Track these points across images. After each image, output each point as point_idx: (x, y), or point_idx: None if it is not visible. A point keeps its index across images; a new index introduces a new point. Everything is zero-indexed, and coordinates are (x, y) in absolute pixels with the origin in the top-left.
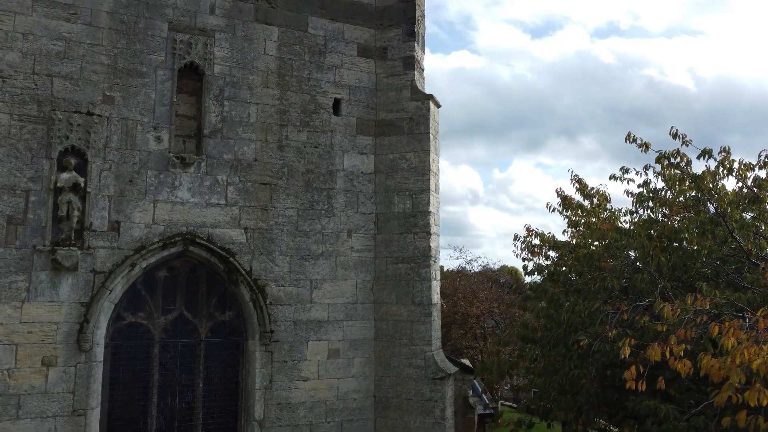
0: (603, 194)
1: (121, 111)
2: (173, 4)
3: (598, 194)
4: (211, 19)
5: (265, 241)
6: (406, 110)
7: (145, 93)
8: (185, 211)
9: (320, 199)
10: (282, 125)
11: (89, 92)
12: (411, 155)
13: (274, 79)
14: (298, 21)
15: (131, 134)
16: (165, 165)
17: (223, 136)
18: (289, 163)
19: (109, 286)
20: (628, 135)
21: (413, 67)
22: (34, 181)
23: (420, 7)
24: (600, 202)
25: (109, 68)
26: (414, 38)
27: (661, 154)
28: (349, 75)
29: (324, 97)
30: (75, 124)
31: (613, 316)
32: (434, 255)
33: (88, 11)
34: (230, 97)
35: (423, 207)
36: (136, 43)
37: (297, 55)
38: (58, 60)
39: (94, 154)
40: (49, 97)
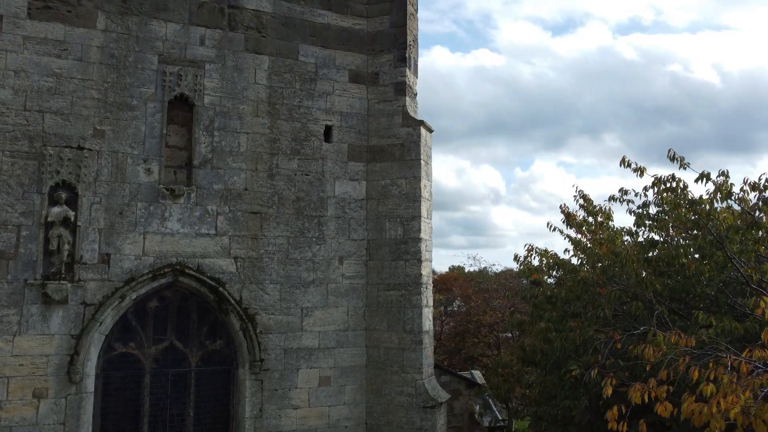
0: (606, 212)
1: (112, 144)
2: (163, 36)
3: (601, 212)
4: (201, 50)
5: (255, 270)
6: (398, 136)
7: (136, 126)
8: (175, 242)
9: (311, 226)
10: (272, 154)
11: (80, 127)
12: (402, 182)
13: (264, 107)
14: (289, 49)
15: (121, 167)
16: (155, 197)
17: (213, 166)
18: (280, 192)
19: (99, 318)
20: (623, 159)
21: (404, 93)
22: (25, 216)
23: (412, 32)
24: (603, 220)
25: (99, 102)
26: (405, 64)
27: (656, 179)
28: (340, 101)
29: (315, 125)
30: (66, 159)
31: (606, 345)
32: (426, 282)
33: (79, 47)
34: (220, 127)
35: (414, 234)
36: (126, 76)
37: (288, 83)
38: (49, 96)
39: (84, 187)
40: (40, 133)
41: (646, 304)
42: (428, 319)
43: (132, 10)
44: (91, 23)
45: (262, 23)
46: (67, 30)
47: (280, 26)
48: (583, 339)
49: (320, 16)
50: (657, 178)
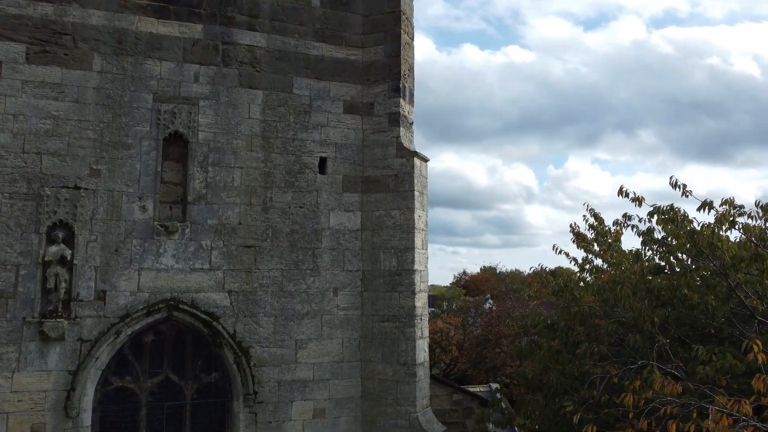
0: (615, 234)
1: (107, 183)
2: (158, 75)
3: (609, 233)
4: (195, 87)
5: (249, 304)
6: (392, 167)
7: (131, 164)
8: (169, 278)
9: (305, 258)
10: (266, 187)
11: (76, 167)
12: (396, 213)
13: (258, 142)
14: (283, 83)
15: (117, 205)
16: (150, 233)
17: (207, 201)
18: (274, 225)
19: (95, 354)
20: (620, 189)
21: (398, 123)
22: (24, 256)
23: (407, 61)
24: (612, 242)
25: (95, 142)
26: (399, 94)
27: (655, 209)
28: (335, 133)
29: (309, 157)
30: (62, 199)
31: (602, 380)
32: (420, 314)
33: (75, 89)
34: (214, 163)
35: (408, 265)
36: (121, 116)
37: (282, 116)
38: (46, 138)
39: (80, 226)
40: (38, 174)
41: (647, 335)
42: (423, 350)
43: (127, 51)
44: (87, 65)
45: (256, 58)
46: (64, 73)
47: (274, 60)
48: (581, 371)
49: (314, 48)
50: (656, 208)
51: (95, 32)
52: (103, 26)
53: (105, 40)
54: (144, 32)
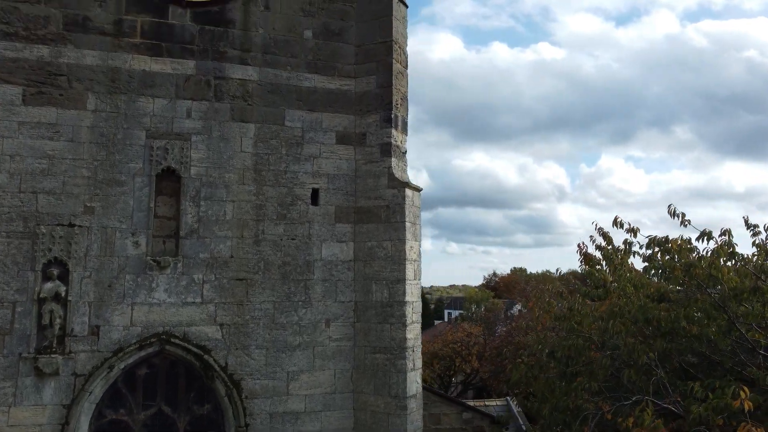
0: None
1: (101, 220)
2: (150, 112)
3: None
4: (187, 122)
5: (241, 336)
6: (383, 198)
7: (124, 201)
8: (162, 312)
9: (297, 290)
10: (258, 220)
11: (71, 205)
12: (388, 244)
13: (250, 175)
14: (275, 115)
15: (110, 241)
16: (142, 268)
17: (199, 236)
18: (266, 257)
19: (89, 388)
20: (615, 219)
21: (390, 154)
22: (20, 293)
23: (400, 90)
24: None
25: (89, 180)
26: (391, 124)
27: (650, 240)
28: (327, 164)
29: (302, 189)
30: (57, 237)
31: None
32: (412, 345)
33: (70, 128)
34: (207, 197)
35: (399, 297)
36: (115, 153)
37: (274, 149)
38: (42, 177)
39: (75, 263)
40: (34, 213)
41: (643, 369)
42: (415, 382)
43: (121, 89)
44: (82, 105)
45: (248, 92)
46: (59, 113)
47: (266, 93)
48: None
49: (307, 80)
50: (651, 239)
51: (89, 72)
52: (97, 66)
53: (99, 79)
54: (137, 70)
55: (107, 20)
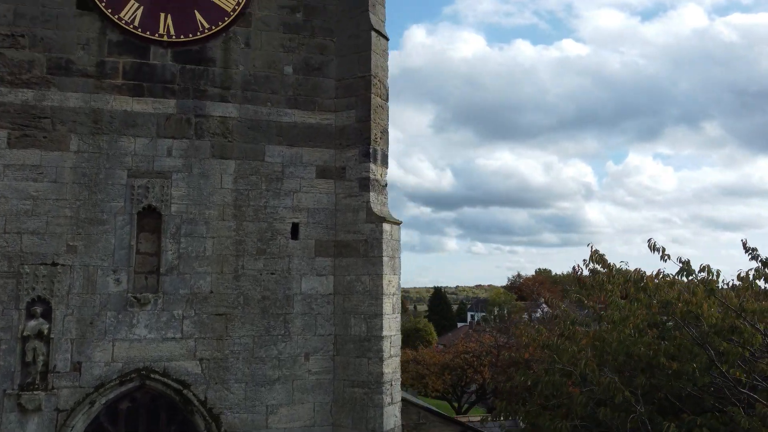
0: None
1: (83, 258)
2: (132, 151)
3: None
4: (168, 161)
5: (220, 371)
6: (362, 232)
7: (106, 239)
8: (142, 348)
9: (277, 324)
10: (238, 255)
11: (54, 244)
12: (366, 278)
13: (230, 211)
14: (255, 151)
15: (92, 279)
16: (123, 305)
17: (179, 272)
18: (245, 292)
19: (71, 423)
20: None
21: (368, 189)
22: (5, 331)
23: (379, 124)
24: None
25: (72, 220)
26: (369, 159)
27: (626, 279)
28: (307, 198)
29: (281, 223)
30: (40, 276)
31: None
32: (390, 379)
33: (53, 169)
34: (187, 234)
35: (376, 332)
36: (97, 193)
37: (254, 184)
38: (26, 218)
39: (57, 301)
40: (18, 253)
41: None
42: (393, 416)
43: (103, 130)
44: (65, 146)
45: (228, 129)
46: (43, 155)
47: (246, 130)
48: None
49: (287, 115)
50: (627, 278)
51: (72, 114)
52: (79, 108)
53: (81, 120)
54: (119, 111)
55: (90, 62)
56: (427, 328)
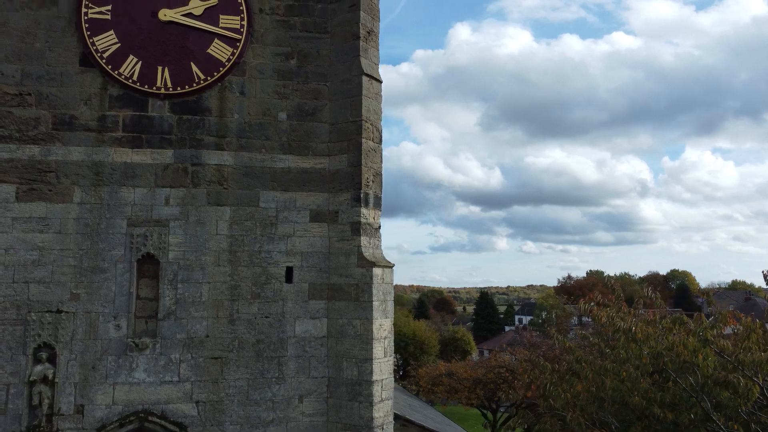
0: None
1: (86, 305)
2: (131, 201)
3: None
4: (165, 209)
5: (216, 413)
6: (353, 276)
7: (107, 286)
8: (141, 391)
9: (271, 367)
10: (233, 300)
11: (59, 292)
12: (357, 322)
13: (225, 257)
14: (250, 198)
15: (94, 325)
16: (123, 350)
17: (176, 317)
18: (240, 336)
19: None
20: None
21: (359, 233)
22: (13, 376)
23: (371, 168)
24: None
25: (75, 269)
26: (360, 204)
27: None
28: (301, 242)
29: (276, 267)
30: (46, 323)
31: None
32: (381, 423)
33: (58, 221)
34: (184, 280)
35: (366, 376)
36: (98, 242)
37: (248, 230)
38: (33, 267)
39: (62, 347)
40: (25, 301)
41: None
42: None
43: (104, 181)
44: (69, 198)
45: (223, 176)
46: (49, 207)
47: (241, 176)
48: None
49: (281, 161)
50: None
51: (76, 167)
52: (82, 161)
53: (84, 173)
54: (119, 162)
55: (92, 117)
56: (466, 337)
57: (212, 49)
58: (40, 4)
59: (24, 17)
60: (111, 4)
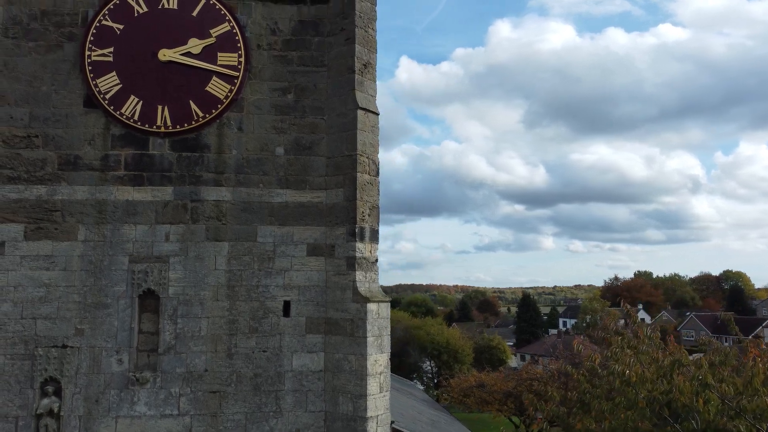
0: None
1: (90, 340)
2: (133, 238)
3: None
4: (166, 246)
5: None
6: (349, 311)
7: (109, 322)
8: (142, 424)
9: (268, 401)
10: (231, 334)
11: (64, 328)
12: (352, 357)
13: (224, 291)
14: (248, 232)
15: (97, 360)
16: (125, 384)
17: (176, 351)
18: (238, 370)
19: None
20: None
21: (354, 268)
22: (21, 409)
23: (367, 201)
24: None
25: (80, 305)
26: (355, 238)
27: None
28: (298, 276)
29: (273, 301)
30: (52, 358)
31: None
32: None
33: (64, 258)
34: (183, 315)
35: (361, 413)
36: (101, 279)
37: (246, 264)
38: (40, 304)
39: (67, 381)
40: (33, 337)
41: None
42: None
43: (107, 219)
44: (74, 236)
45: (222, 212)
46: (55, 245)
47: (239, 212)
48: None
49: (278, 195)
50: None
51: (80, 206)
52: (86, 200)
53: (88, 212)
54: (121, 200)
55: (95, 156)
56: (501, 345)
57: (210, 87)
58: (47, 49)
59: (32, 62)
60: (113, 46)
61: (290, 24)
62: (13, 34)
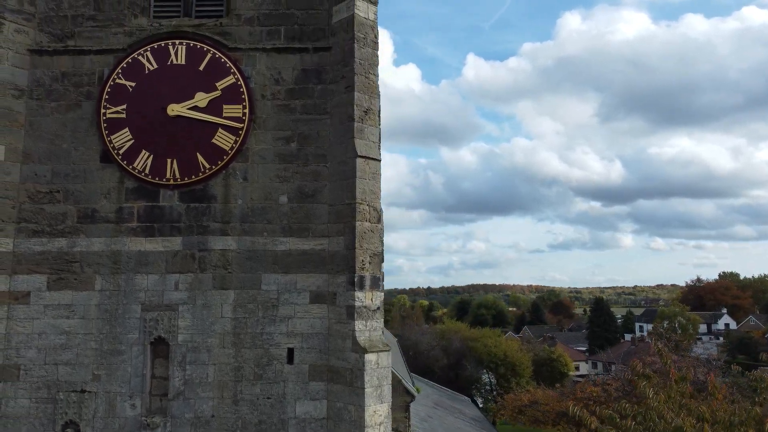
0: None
1: (105, 386)
2: (145, 287)
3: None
4: (175, 294)
5: None
6: (349, 360)
7: (123, 368)
8: None
9: None
10: (236, 381)
11: (82, 373)
12: (351, 408)
13: (230, 339)
14: (252, 280)
15: (113, 404)
16: (138, 428)
17: (185, 397)
18: (243, 416)
19: None
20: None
21: (354, 317)
22: None
23: (367, 250)
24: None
25: (96, 351)
26: (354, 287)
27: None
28: (301, 323)
29: (277, 348)
30: (71, 402)
31: None
32: None
33: (82, 307)
34: (191, 361)
35: None
36: (116, 326)
37: (251, 312)
38: (61, 350)
39: (85, 424)
40: (55, 381)
41: None
42: None
43: (121, 269)
44: (91, 286)
45: (227, 261)
46: (74, 295)
47: (244, 260)
48: None
49: (282, 243)
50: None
51: (97, 257)
52: (102, 251)
53: (104, 262)
54: (134, 251)
55: (111, 209)
56: (562, 358)
57: (217, 139)
58: (67, 108)
59: (54, 121)
60: (126, 103)
61: (293, 73)
62: (36, 96)
